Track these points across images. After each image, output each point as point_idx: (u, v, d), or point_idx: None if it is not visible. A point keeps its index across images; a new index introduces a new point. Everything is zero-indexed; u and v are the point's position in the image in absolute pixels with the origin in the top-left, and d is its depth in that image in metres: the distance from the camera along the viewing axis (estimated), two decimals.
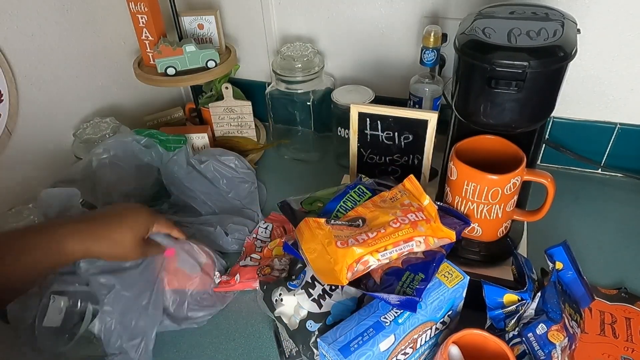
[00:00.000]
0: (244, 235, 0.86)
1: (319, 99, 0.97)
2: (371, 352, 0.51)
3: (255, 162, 1.03)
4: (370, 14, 0.95)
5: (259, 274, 0.72)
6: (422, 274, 0.56)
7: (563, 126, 0.92)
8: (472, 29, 0.60)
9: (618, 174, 0.94)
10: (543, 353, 0.56)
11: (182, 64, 0.92)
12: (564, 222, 0.84)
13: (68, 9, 0.89)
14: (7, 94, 0.80)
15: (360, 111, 0.78)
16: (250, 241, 0.85)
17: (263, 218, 0.90)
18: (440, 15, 0.90)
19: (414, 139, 0.78)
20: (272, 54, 1.07)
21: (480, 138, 0.65)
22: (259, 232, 0.86)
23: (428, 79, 0.88)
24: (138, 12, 0.90)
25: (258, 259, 0.79)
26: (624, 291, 0.72)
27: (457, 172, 0.63)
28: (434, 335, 0.60)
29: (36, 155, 0.88)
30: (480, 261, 0.68)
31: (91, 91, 0.98)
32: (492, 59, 0.56)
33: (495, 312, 0.59)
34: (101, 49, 0.98)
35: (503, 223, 0.66)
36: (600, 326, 0.67)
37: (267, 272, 0.73)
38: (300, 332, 0.62)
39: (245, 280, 0.73)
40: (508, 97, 0.59)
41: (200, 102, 1.08)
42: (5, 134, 0.81)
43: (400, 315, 0.54)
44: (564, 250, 0.62)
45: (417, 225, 0.58)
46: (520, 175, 0.62)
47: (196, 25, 0.98)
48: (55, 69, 0.89)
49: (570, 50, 0.56)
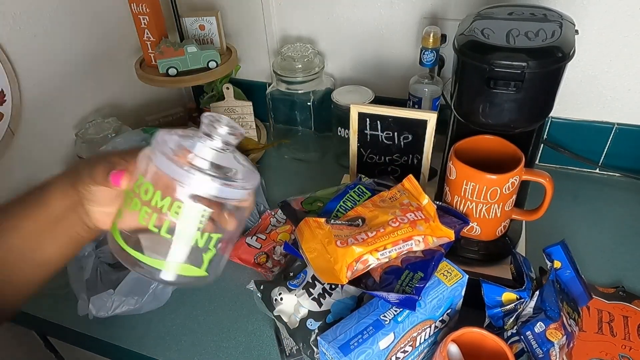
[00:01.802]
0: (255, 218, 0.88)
1: (319, 99, 0.98)
2: (371, 350, 0.51)
3: (256, 161, 1.03)
4: (370, 15, 0.96)
5: (255, 259, 0.74)
6: (421, 273, 0.56)
7: (561, 126, 0.93)
8: (471, 30, 0.60)
9: (616, 173, 0.94)
10: (541, 351, 0.56)
11: (184, 65, 0.93)
12: (562, 221, 0.85)
13: (71, 10, 0.89)
14: (10, 95, 0.80)
15: (360, 111, 0.78)
16: (267, 215, 0.88)
17: (269, 208, 0.91)
18: (439, 16, 0.91)
19: (413, 139, 0.78)
20: (272, 55, 1.08)
21: (479, 138, 0.66)
22: (279, 212, 0.89)
23: (427, 79, 0.88)
24: (140, 13, 0.90)
25: (263, 239, 0.82)
26: (622, 290, 0.72)
27: (456, 171, 0.63)
28: (433, 334, 0.60)
29: (39, 155, 0.89)
30: (479, 260, 0.69)
31: (93, 91, 0.98)
32: (491, 60, 0.57)
33: (493, 310, 0.59)
34: (103, 50, 0.98)
35: (502, 222, 0.67)
36: (598, 324, 0.68)
37: (262, 260, 0.75)
38: (300, 331, 0.62)
39: (242, 257, 0.79)
40: (507, 98, 0.59)
41: (201, 102, 1.09)
42: (8, 134, 0.81)
43: (399, 313, 0.54)
44: (562, 249, 0.62)
45: (416, 225, 0.59)
46: (519, 175, 0.62)
47: (197, 26, 0.98)
48: (57, 70, 0.89)
49: (568, 51, 0.57)
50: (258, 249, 0.81)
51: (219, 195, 0.40)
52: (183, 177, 0.38)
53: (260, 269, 0.78)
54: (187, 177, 0.38)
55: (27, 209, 0.46)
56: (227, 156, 0.42)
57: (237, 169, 0.42)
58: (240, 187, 0.41)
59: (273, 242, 0.81)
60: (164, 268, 0.41)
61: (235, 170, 0.42)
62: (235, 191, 0.40)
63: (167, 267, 0.41)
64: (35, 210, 0.46)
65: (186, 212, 0.39)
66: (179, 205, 0.39)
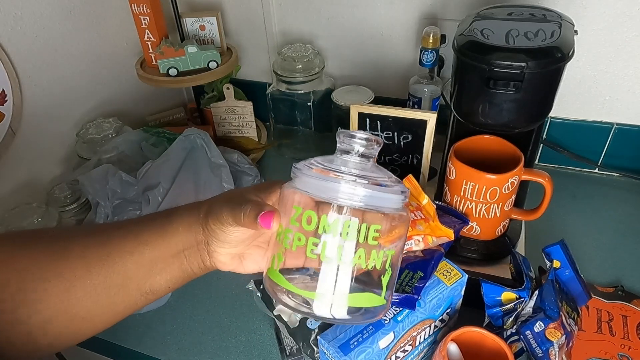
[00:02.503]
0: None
1: (319, 99, 0.98)
2: (371, 350, 0.51)
3: (256, 161, 1.03)
4: (370, 16, 0.96)
5: None
6: (421, 272, 0.57)
7: (560, 126, 0.93)
8: (471, 30, 0.60)
9: (615, 173, 0.94)
10: (541, 350, 0.56)
11: (184, 65, 0.93)
12: (561, 221, 0.85)
13: (71, 11, 0.90)
14: (11, 95, 0.80)
15: (360, 111, 0.79)
16: None
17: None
18: (439, 16, 0.91)
19: (413, 139, 0.78)
20: (273, 55, 1.08)
21: (478, 138, 0.66)
22: None
23: (427, 79, 0.88)
24: (140, 14, 0.90)
25: None
26: (621, 289, 0.72)
27: (455, 171, 0.64)
28: (433, 333, 0.60)
29: (40, 155, 0.89)
30: (479, 259, 0.69)
31: (94, 92, 0.99)
32: (491, 60, 0.57)
33: (493, 310, 0.60)
34: (104, 50, 0.99)
35: (501, 222, 0.67)
36: (597, 324, 0.68)
37: None
38: (300, 330, 0.62)
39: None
40: (506, 98, 0.59)
41: (202, 102, 1.09)
42: (10, 134, 0.82)
43: (399, 313, 0.54)
44: (561, 249, 0.62)
45: (416, 224, 0.59)
46: (518, 175, 0.62)
47: (198, 26, 0.99)
48: (58, 70, 0.90)
49: (567, 51, 0.57)
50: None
51: (375, 204, 0.38)
52: (338, 191, 0.37)
53: None
54: (342, 188, 0.37)
55: (148, 236, 0.44)
56: (371, 167, 0.40)
57: (385, 176, 0.40)
58: (393, 192, 0.39)
59: None
60: (342, 301, 0.38)
61: (385, 177, 0.40)
62: (390, 196, 0.38)
63: (343, 300, 0.38)
64: (158, 240, 0.43)
65: (353, 228, 0.37)
66: (347, 224, 0.37)
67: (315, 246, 0.37)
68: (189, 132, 0.82)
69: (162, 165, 0.80)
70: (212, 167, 0.82)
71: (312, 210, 0.38)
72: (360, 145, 0.40)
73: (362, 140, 0.39)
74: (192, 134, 0.82)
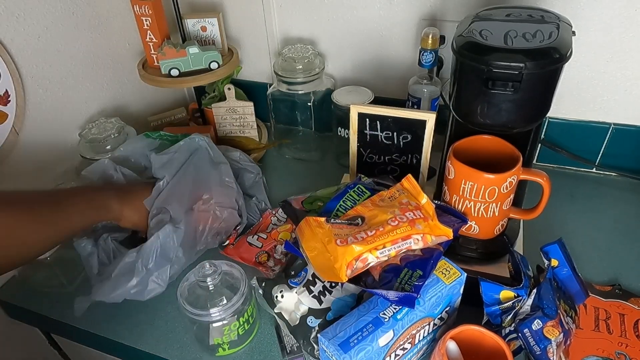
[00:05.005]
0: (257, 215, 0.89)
1: (320, 99, 0.98)
2: (370, 347, 0.52)
3: (257, 161, 1.04)
4: (370, 17, 0.96)
5: (256, 259, 0.74)
6: (420, 271, 0.57)
7: (558, 126, 0.94)
8: (470, 31, 0.61)
9: (612, 173, 0.95)
10: (539, 348, 0.57)
11: (186, 66, 0.94)
12: (559, 220, 0.86)
13: (74, 12, 0.90)
14: (14, 95, 0.81)
15: (360, 111, 0.79)
16: (268, 214, 0.88)
17: (270, 208, 0.91)
18: (438, 17, 0.91)
19: (412, 139, 0.79)
20: (273, 56, 1.09)
21: (477, 138, 0.66)
22: (279, 212, 0.89)
23: (426, 80, 0.89)
24: (142, 15, 0.91)
25: (264, 238, 0.83)
26: (618, 288, 0.73)
27: (454, 171, 0.64)
28: (432, 331, 0.61)
29: (43, 154, 0.89)
30: (478, 258, 0.69)
31: (96, 92, 0.99)
32: (489, 61, 0.57)
33: (492, 308, 0.60)
34: (106, 51, 0.99)
35: (500, 221, 0.67)
36: (594, 322, 0.69)
37: (263, 259, 0.76)
38: (301, 328, 0.63)
39: (243, 256, 0.80)
40: (505, 98, 0.59)
41: (203, 102, 1.09)
42: (13, 134, 0.82)
43: (399, 311, 0.55)
44: (559, 248, 0.63)
45: (415, 224, 0.59)
46: (517, 175, 0.63)
47: (199, 27, 0.99)
48: (61, 70, 0.90)
49: (565, 52, 0.57)
50: (259, 248, 0.81)
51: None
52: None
53: (261, 267, 0.79)
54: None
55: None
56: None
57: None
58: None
59: (274, 241, 0.82)
60: None
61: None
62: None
63: None
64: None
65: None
66: None
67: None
68: (194, 136, 0.84)
69: (166, 163, 0.81)
70: (213, 164, 0.83)
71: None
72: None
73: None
74: (196, 137, 0.84)
